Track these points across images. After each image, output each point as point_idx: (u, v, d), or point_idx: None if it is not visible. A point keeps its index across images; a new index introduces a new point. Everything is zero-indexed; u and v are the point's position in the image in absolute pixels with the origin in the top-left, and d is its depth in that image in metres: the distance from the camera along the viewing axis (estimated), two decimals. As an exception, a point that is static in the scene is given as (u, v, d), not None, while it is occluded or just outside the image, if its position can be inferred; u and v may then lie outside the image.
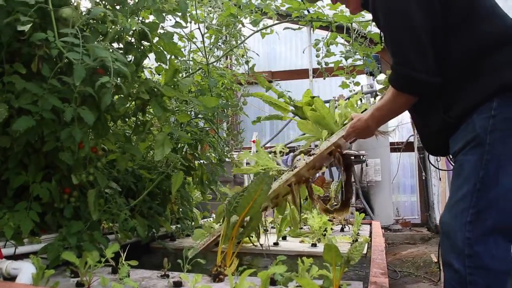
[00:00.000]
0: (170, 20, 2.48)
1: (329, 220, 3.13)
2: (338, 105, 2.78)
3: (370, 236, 3.23)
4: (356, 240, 2.96)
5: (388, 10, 1.74)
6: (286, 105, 2.91)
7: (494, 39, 1.62)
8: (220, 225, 2.39)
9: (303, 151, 2.47)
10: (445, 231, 1.64)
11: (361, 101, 7.07)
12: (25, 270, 1.79)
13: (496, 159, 1.54)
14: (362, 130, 2.13)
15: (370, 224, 3.88)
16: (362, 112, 2.28)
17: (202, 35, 3.13)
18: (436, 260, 4.54)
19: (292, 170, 2.37)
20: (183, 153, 2.95)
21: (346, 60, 3.48)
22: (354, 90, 3.88)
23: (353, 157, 5.95)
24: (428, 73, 1.65)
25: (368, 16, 3.32)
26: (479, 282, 1.52)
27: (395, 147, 7.15)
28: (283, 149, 2.89)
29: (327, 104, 2.62)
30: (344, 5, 2.24)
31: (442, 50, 1.67)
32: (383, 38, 1.87)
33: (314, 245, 2.86)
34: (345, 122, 2.48)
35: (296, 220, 2.83)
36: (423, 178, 7.32)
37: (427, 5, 1.66)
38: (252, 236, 2.47)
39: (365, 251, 2.59)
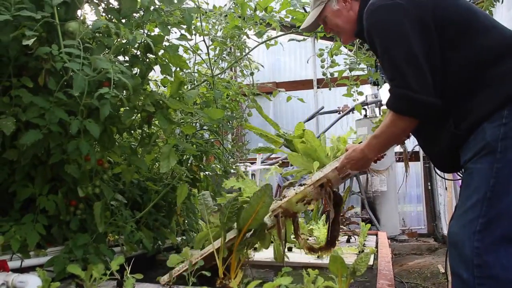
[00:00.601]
0: (175, 32, 2.51)
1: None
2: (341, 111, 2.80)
3: (376, 247, 3.21)
4: (362, 251, 2.94)
5: (383, 35, 1.77)
6: (278, 138, 2.91)
7: (494, 51, 1.63)
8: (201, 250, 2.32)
9: (293, 182, 2.37)
10: (453, 241, 1.63)
11: (365, 111, 7.07)
12: (31, 283, 1.80)
13: (507, 167, 1.53)
14: (357, 160, 2.04)
15: (376, 234, 3.86)
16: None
17: (207, 47, 3.16)
18: (443, 271, 4.50)
19: (281, 200, 2.26)
20: (189, 165, 2.95)
21: (350, 72, 3.49)
22: (358, 100, 3.89)
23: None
24: (427, 94, 1.65)
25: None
26: None
27: (400, 157, 7.12)
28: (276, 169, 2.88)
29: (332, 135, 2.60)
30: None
31: (443, 65, 1.68)
32: (380, 64, 1.88)
33: (319, 256, 2.85)
34: (337, 155, 2.44)
35: (280, 255, 2.66)
36: (429, 187, 7.27)
37: (421, 26, 1.68)
38: (255, 248, 2.45)
39: (371, 262, 2.58)
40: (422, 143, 1.96)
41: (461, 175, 1.76)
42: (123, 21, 2.23)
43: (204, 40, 3.17)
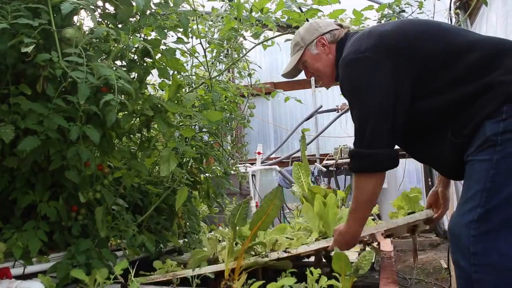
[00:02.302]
0: (172, 36, 2.51)
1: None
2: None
3: (379, 244, 3.21)
4: (365, 249, 2.94)
5: (349, 93, 1.85)
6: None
7: (487, 60, 1.65)
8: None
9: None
10: (451, 230, 1.64)
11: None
12: (35, 290, 1.80)
13: (507, 159, 1.53)
14: (346, 242, 2.01)
15: (378, 232, 3.85)
16: None
17: (204, 50, 3.16)
18: (446, 266, 4.50)
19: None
20: (189, 167, 2.95)
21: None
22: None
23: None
24: (379, 146, 1.77)
25: (368, 22, 3.34)
26: (485, 280, 1.50)
27: (400, 153, 7.10)
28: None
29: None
30: (343, 15, 2.27)
31: (433, 91, 1.71)
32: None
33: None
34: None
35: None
36: (429, 183, 7.27)
37: (392, 71, 1.73)
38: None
39: (373, 260, 2.58)
40: (426, 161, 2.00)
41: None
42: (120, 26, 2.23)
43: (201, 43, 3.18)
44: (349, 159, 1.91)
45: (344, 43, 2.00)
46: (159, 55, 2.36)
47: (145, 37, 2.44)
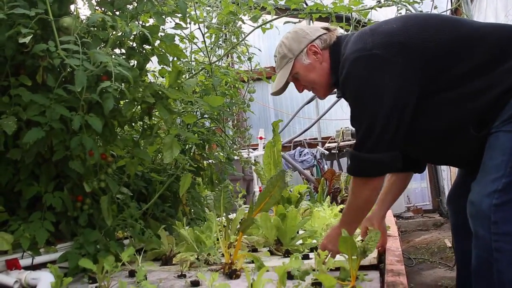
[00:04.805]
0: (170, 22, 2.49)
1: (340, 211, 3.13)
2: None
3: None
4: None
5: (354, 93, 1.77)
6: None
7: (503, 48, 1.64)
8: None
9: None
10: (470, 199, 1.61)
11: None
12: (44, 280, 1.82)
13: None
14: (332, 244, 1.92)
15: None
16: None
17: (203, 35, 3.14)
18: (450, 245, 4.53)
19: None
20: (191, 154, 2.95)
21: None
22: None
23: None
24: (380, 150, 1.71)
25: (367, 2, 3.31)
26: (506, 248, 1.50)
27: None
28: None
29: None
30: None
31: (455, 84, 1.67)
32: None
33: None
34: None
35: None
36: (434, 178, 7.27)
37: (404, 71, 1.67)
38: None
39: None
40: (441, 160, 1.97)
41: None
42: (117, 13, 2.21)
43: (199, 28, 3.15)
44: (349, 154, 1.85)
45: (339, 48, 1.88)
46: (158, 41, 2.34)
47: (144, 24, 2.42)
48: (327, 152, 7.43)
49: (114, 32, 2.08)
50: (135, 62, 2.32)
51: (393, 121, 1.67)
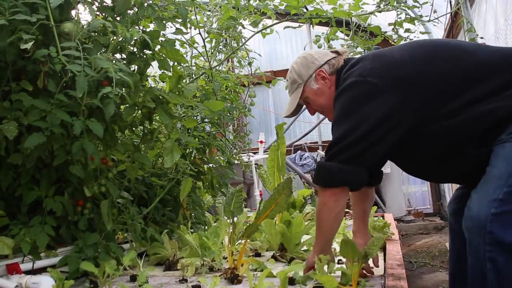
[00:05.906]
0: (171, 27, 2.49)
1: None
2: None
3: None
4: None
5: (341, 111, 1.80)
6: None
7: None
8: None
9: None
10: (468, 206, 1.60)
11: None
12: (45, 283, 1.83)
13: None
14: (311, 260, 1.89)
15: (383, 216, 3.87)
16: None
17: (203, 40, 3.15)
18: (451, 249, 4.51)
19: None
20: (192, 158, 2.96)
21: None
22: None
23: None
24: (356, 164, 1.74)
25: (367, 7, 3.32)
26: (498, 259, 1.49)
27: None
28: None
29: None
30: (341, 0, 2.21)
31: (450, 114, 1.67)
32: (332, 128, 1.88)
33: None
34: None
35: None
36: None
37: (395, 109, 1.68)
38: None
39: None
40: (444, 179, 1.96)
41: None
42: (118, 18, 2.22)
43: (200, 33, 3.16)
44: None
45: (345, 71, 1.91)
46: (158, 46, 2.35)
47: (144, 29, 2.43)
48: (327, 156, 7.41)
49: (115, 38, 2.09)
50: (136, 67, 2.33)
51: (364, 143, 1.71)
